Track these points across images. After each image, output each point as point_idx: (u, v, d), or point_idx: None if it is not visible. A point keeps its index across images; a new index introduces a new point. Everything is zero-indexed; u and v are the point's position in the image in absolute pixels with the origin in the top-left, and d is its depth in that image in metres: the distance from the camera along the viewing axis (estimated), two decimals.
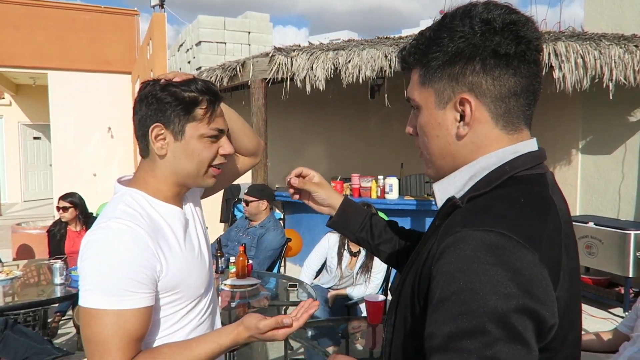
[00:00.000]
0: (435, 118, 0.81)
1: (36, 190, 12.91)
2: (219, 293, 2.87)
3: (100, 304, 0.97)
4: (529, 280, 0.65)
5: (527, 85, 0.78)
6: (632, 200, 5.06)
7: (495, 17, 0.75)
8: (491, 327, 0.62)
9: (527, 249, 0.66)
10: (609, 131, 5.22)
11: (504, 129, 0.79)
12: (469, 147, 0.80)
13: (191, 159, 1.10)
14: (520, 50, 0.75)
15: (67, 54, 10.36)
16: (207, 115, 1.09)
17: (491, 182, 0.76)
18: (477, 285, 0.64)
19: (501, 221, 0.69)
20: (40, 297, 2.98)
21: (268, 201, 3.77)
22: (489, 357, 0.62)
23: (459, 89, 0.78)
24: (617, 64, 4.34)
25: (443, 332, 0.65)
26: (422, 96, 0.82)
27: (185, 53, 8.50)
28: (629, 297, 4.34)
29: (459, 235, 0.69)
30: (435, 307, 0.67)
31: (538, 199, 0.75)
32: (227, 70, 5.42)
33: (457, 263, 0.66)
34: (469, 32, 0.75)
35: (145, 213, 1.07)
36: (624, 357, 2.22)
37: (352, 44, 4.95)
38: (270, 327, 1.04)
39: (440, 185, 0.84)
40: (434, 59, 0.78)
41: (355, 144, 7.56)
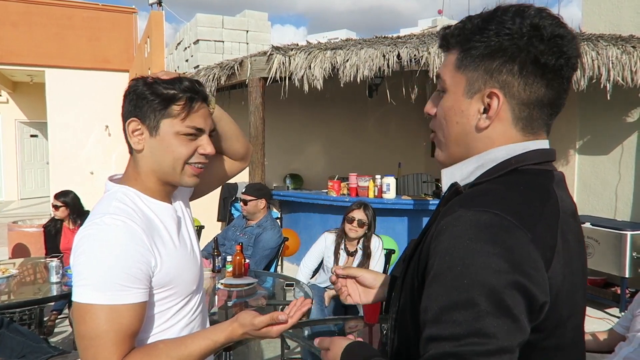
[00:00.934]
0: (460, 105, 0.83)
1: (33, 189, 12.87)
2: (216, 292, 2.86)
3: (95, 299, 0.97)
4: (520, 258, 0.67)
5: (555, 98, 0.80)
6: (629, 200, 5.07)
7: (546, 25, 0.76)
8: (481, 300, 0.65)
9: (519, 229, 0.69)
10: (606, 132, 5.24)
11: (522, 131, 0.81)
12: (483, 141, 0.81)
13: (166, 155, 1.10)
14: (559, 65, 0.77)
15: (65, 52, 10.33)
16: (183, 112, 1.08)
17: (496, 172, 0.79)
18: (469, 260, 0.67)
19: (497, 203, 0.72)
20: (36, 295, 2.97)
21: (266, 200, 3.77)
22: (477, 328, 0.65)
23: (490, 83, 0.79)
24: (615, 65, 4.35)
25: (436, 305, 0.68)
26: (453, 80, 0.83)
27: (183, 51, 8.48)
28: (625, 297, 4.36)
29: (455, 214, 0.72)
30: (430, 282, 0.71)
31: (538, 188, 0.77)
32: (225, 68, 5.41)
33: (452, 240, 0.70)
34: (517, 32, 0.76)
35: (138, 209, 1.08)
36: (620, 357, 2.23)
37: (350, 43, 4.94)
38: (265, 323, 1.05)
39: (449, 171, 0.86)
40: (475, 48, 0.79)
41: (352, 143, 7.56)
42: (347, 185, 5.66)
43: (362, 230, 3.37)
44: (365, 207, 3.41)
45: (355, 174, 5.65)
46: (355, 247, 3.43)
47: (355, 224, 3.35)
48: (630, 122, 5.04)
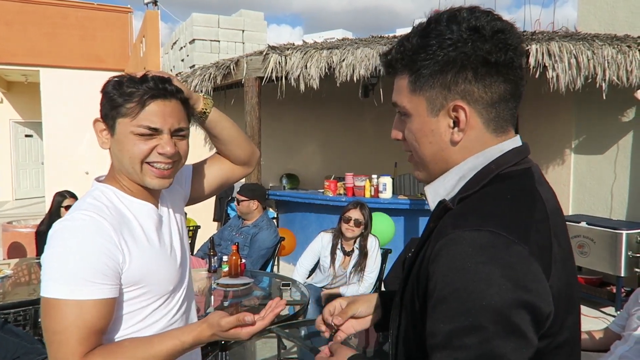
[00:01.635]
0: (428, 125, 0.82)
1: (28, 189, 12.81)
2: (212, 292, 2.85)
3: (60, 293, 0.96)
4: (521, 274, 0.67)
5: (514, 89, 0.80)
6: (624, 200, 5.09)
7: (484, 24, 0.76)
8: (487, 323, 0.65)
9: (516, 244, 0.69)
10: (601, 131, 5.25)
11: (494, 132, 0.81)
12: (461, 152, 0.81)
13: (123, 155, 1.08)
14: (509, 57, 0.77)
15: (60, 51, 10.29)
16: (134, 111, 1.05)
17: (479, 181, 0.79)
18: (471, 283, 0.67)
19: (489, 219, 0.71)
20: (31, 296, 2.96)
21: (259, 201, 3.76)
22: (487, 351, 0.65)
23: (451, 96, 0.78)
24: (610, 64, 4.36)
25: (443, 330, 0.68)
26: (412, 104, 0.83)
27: (179, 51, 8.46)
28: (620, 296, 4.37)
29: (450, 237, 0.71)
30: (434, 307, 0.70)
31: (524, 194, 0.77)
32: (221, 68, 5.40)
33: (450, 264, 0.69)
34: (459, 40, 0.76)
35: (112, 206, 1.08)
36: (616, 356, 2.24)
37: (346, 42, 4.94)
38: (232, 324, 1.03)
39: (432, 187, 0.86)
40: (425, 67, 0.78)
41: (349, 143, 7.56)
42: (343, 185, 5.66)
43: (358, 229, 3.37)
44: (362, 207, 3.41)
45: (352, 174, 5.65)
46: (352, 247, 3.43)
47: (351, 223, 3.35)
48: (626, 121, 5.05)
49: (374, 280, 3.40)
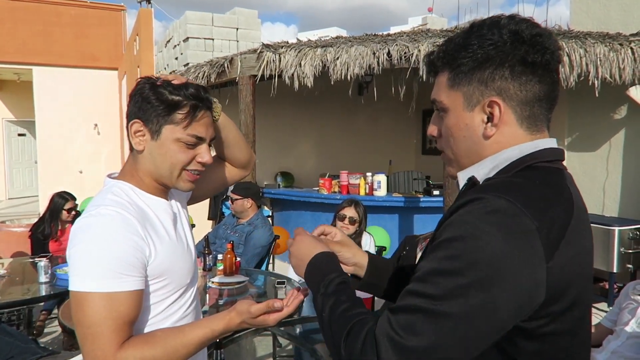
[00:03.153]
0: (463, 119, 0.86)
1: (21, 188, 12.73)
2: (207, 290, 2.85)
3: (92, 287, 0.98)
4: (519, 245, 0.71)
5: (549, 91, 0.83)
6: (616, 197, 5.13)
7: (523, 29, 0.81)
8: (469, 273, 0.69)
9: (526, 217, 0.72)
10: (594, 129, 5.29)
11: (528, 130, 0.84)
12: (493, 147, 0.85)
13: (164, 160, 1.12)
14: (546, 60, 0.81)
15: (52, 50, 10.21)
16: (185, 120, 1.10)
17: (511, 169, 0.82)
18: (470, 237, 0.71)
19: (511, 191, 0.75)
20: (25, 296, 2.95)
21: (253, 199, 3.76)
22: (456, 295, 0.69)
23: (487, 92, 0.83)
24: (602, 62, 4.39)
25: (426, 267, 0.74)
26: (450, 99, 0.87)
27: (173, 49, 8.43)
28: (613, 292, 4.41)
29: (470, 197, 0.76)
30: (431, 248, 0.76)
31: (553, 184, 0.81)
32: (215, 66, 5.39)
33: (461, 217, 0.74)
34: (499, 41, 0.81)
35: (132, 202, 1.10)
36: (608, 351, 2.26)
37: (340, 40, 4.94)
38: (262, 311, 1.06)
39: (465, 173, 0.89)
40: (464, 64, 0.83)
41: (343, 140, 7.57)
42: (338, 183, 5.67)
43: (353, 227, 3.37)
44: (356, 205, 3.41)
45: (346, 172, 5.66)
46: None
47: (346, 221, 3.35)
48: (618, 119, 5.09)
49: None
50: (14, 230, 5.45)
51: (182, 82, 1.12)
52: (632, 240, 4.41)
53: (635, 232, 4.42)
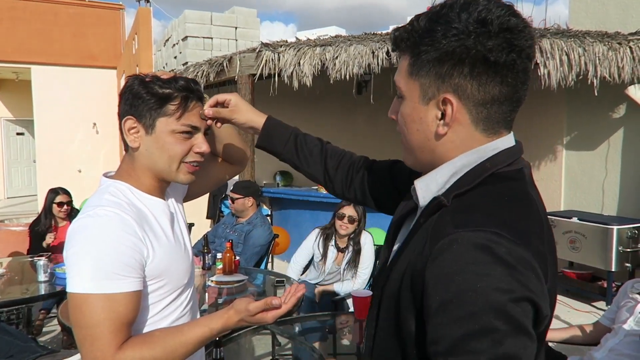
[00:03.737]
0: (418, 112, 0.80)
1: (19, 187, 12.72)
2: (206, 289, 2.86)
3: (91, 288, 0.98)
4: (527, 274, 0.66)
5: (512, 93, 0.76)
6: (615, 195, 5.14)
7: (494, 18, 0.72)
8: (498, 323, 0.63)
9: (519, 246, 0.67)
10: (593, 127, 5.30)
11: (484, 132, 0.78)
12: (447, 146, 0.80)
13: (162, 153, 1.11)
14: (511, 59, 0.73)
15: (51, 49, 10.20)
16: (178, 111, 1.10)
17: (473, 179, 0.76)
18: (477, 284, 0.64)
19: (491, 220, 0.69)
20: (24, 294, 2.95)
21: (254, 198, 3.77)
22: (500, 354, 0.63)
23: (443, 88, 0.76)
24: (601, 61, 4.40)
25: (450, 336, 0.65)
26: (407, 87, 0.81)
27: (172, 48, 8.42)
28: (611, 290, 4.42)
29: (452, 237, 0.68)
30: (437, 311, 0.67)
31: (520, 196, 0.76)
32: (214, 65, 5.39)
33: (454, 265, 0.66)
34: (464, 31, 0.72)
35: (130, 202, 1.10)
36: (606, 349, 2.27)
37: (339, 39, 4.94)
38: (260, 308, 1.06)
39: (423, 182, 0.83)
40: (425, 52, 0.76)
41: (342, 139, 7.52)
42: None
43: (352, 226, 3.38)
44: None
45: None
46: (346, 244, 3.44)
47: (345, 220, 3.35)
48: (617, 118, 5.10)
49: (368, 277, 3.42)
50: (12, 229, 5.45)
51: (171, 76, 1.13)
52: (630, 239, 4.42)
53: (633, 230, 4.43)
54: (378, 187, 1.20)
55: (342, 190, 1.25)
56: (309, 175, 1.27)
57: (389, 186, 1.17)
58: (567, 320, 4.28)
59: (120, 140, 6.21)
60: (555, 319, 4.33)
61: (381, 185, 1.19)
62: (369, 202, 1.23)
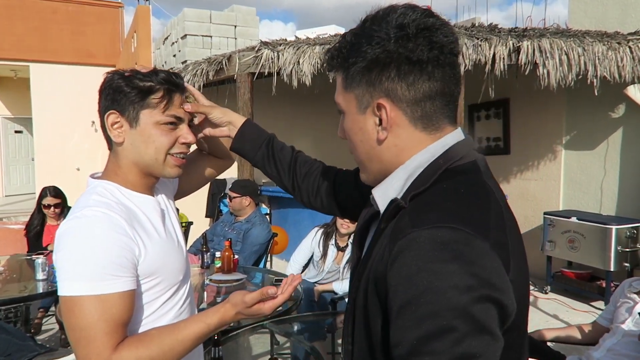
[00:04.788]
0: (357, 123, 0.83)
1: (18, 185, 12.70)
2: (205, 288, 2.85)
3: (83, 290, 0.96)
4: (485, 269, 0.66)
5: (441, 88, 0.78)
6: (614, 195, 5.15)
7: (410, 22, 0.75)
8: (457, 322, 0.63)
9: (477, 239, 0.67)
10: (592, 127, 5.30)
11: (425, 130, 0.80)
12: (392, 150, 0.81)
13: (147, 146, 1.10)
14: (434, 56, 0.76)
15: (49, 46, 10.17)
16: (162, 103, 1.09)
17: (429, 177, 0.77)
18: (436, 284, 0.64)
19: (448, 216, 0.70)
20: (22, 293, 2.94)
21: (251, 197, 3.76)
22: (459, 353, 0.62)
23: (376, 94, 0.78)
24: (601, 61, 4.40)
25: (410, 338, 0.65)
26: (345, 101, 0.84)
27: (171, 46, 8.41)
28: (610, 290, 4.43)
29: (410, 236, 0.68)
30: (398, 314, 0.67)
31: (477, 188, 0.77)
32: (213, 64, 5.38)
33: (413, 265, 0.66)
34: (385, 38, 0.76)
35: (118, 201, 1.08)
36: (604, 349, 2.27)
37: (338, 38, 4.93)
38: (256, 299, 1.05)
39: (379, 190, 0.84)
40: (354, 64, 0.79)
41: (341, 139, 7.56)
42: None
43: (353, 226, 3.37)
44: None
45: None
46: (346, 242, 3.44)
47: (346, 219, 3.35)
48: (616, 117, 5.10)
49: None
50: (11, 227, 5.44)
51: (150, 69, 1.11)
52: (629, 239, 4.42)
53: (632, 230, 4.44)
54: (344, 194, 1.21)
55: (309, 198, 1.27)
56: (278, 182, 1.29)
57: (354, 193, 1.18)
58: (565, 319, 4.28)
59: None
60: (553, 318, 4.34)
61: (347, 192, 1.20)
62: (334, 209, 1.25)
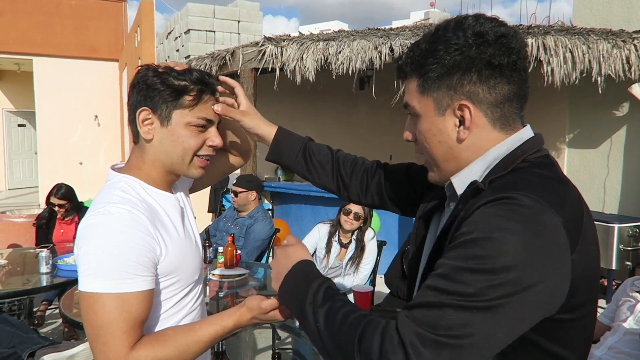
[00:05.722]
0: (436, 125, 0.86)
1: (21, 179, 12.73)
2: (207, 283, 2.87)
3: (103, 287, 0.97)
4: (548, 241, 0.71)
5: (518, 91, 0.84)
6: (617, 194, 5.14)
7: (488, 30, 0.81)
8: (500, 273, 0.68)
9: (552, 212, 0.72)
10: (595, 126, 5.29)
11: (502, 130, 0.85)
12: (470, 150, 0.85)
13: (176, 146, 1.10)
14: (512, 61, 0.81)
15: (53, 40, 10.18)
16: (194, 103, 1.09)
17: (508, 165, 0.82)
18: (497, 235, 0.70)
19: (528, 189, 0.75)
20: (25, 286, 2.96)
21: (256, 192, 3.77)
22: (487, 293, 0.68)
23: (456, 97, 0.83)
24: (606, 59, 4.38)
25: (451, 264, 0.71)
26: (421, 104, 0.87)
27: (174, 41, 8.40)
28: (612, 289, 4.43)
29: (493, 197, 0.74)
30: (454, 246, 0.74)
31: (555, 175, 0.82)
32: (217, 59, 5.38)
33: (484, 215, 0.73)
34: (464, 45, 0.81)
35: (141, 199, 1.08)
36: (605, 347, 2.27)
37: (342, 34, 4.93)
38: (273, 306, 1.05)
39: (458, 177, 0.88)
40: (432, 70, 0.83)
41: (344, 135, 7.56)
42: None
43: (357, 223, 3.38)
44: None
45: None
46: (350, 239, 3.44)
47: (351, 216, 3.36)
48: (619, 116, 5.09)
49: (369, 272, 3.42)
50: (14, 220, 5.46)
51: (185, 68, 1.11)
52: (631, 238, 4.42)
53: (634, 229, 4.43)
54: (396, 190, 1.23)
55: (359, 196, 1.28)
56: (320, 186, 1.30)
57: (406, 189, 1.21)
58: None
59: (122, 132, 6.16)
60: None
61: (399, 188, 1.23)
62: (387, 206, 1.27)
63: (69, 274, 3.03)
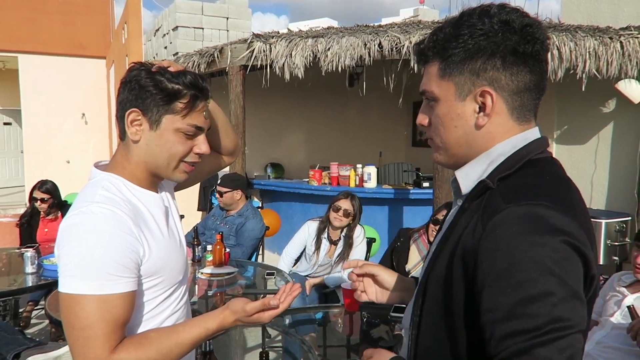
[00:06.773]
0: (455, 109, 0.86)
1: (7, 178, 12.56)
2: (196, 281, 2.84)
3: (84, 289, 0.95)
4: (579, 241, 0.73)
5: (538, 81, 0.85)
6: (604, 189, 5.19)
7: (514, 18, 0.82)
8: (554, 288, 0.68)
9: (569, 217, 0.74)
10: (582, 122, 5.33)
11: (517, 120, 0.86)
12: (485, 137, 0.86)
13: (162, 151, 1.08)
14: (536, 50, 0.82)
15: (39, 37, 10.03)
16: (185, 109, 1.07)
17: (514, 164, 0.83)
18: (531, 253, 0.70)
19: (540, 194, 0.76)
20: (11, 286, 2.92)
21: (242, 190, 3.75)
22: (556, 316, 0.67)
23: (478, 82, 0.83)
24: (591, 56, 4.41)
25: (507, 303, 0.70)
26: (441, 88, 0.87)
27: (162, 38, 8.33)
28: (599, 283, 4.46)
29: (505, 212, 0.74)
30: (493, 281, 0.72)
31: (560, 177, 0.84)
32: (205, 56, 5.33)
33: (509, 238, 0.72)
34: (490, 30, 0.81)
35: (125, 198, 1.06)
36: (592, 342, 2.29)
37: (331, 31, 4.91)
38: (257, 309, 1.05)
39: (463, 172, 0.89)
40: (455, 54, 0.84)
41: (334, 132, 7.55)
42: (328, 175, 5.66)
43: (346, 220, 3.37)
44: (352, 198, 3.41)
45: (337, 163, 5.65)
46: (339, 236, 3.44)
47: (340, 213, 3.35)
48: (606, 112, 5.13)
49: None
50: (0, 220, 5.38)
51: (179, 69, 1.09)
52: (618, 233, 4.46)
53: (621, 224, 4.47)
54: None
55: None
56: None
57: None
58: None
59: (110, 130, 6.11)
60: None
61: None
62: None
63: (55, 274, 2.98)
